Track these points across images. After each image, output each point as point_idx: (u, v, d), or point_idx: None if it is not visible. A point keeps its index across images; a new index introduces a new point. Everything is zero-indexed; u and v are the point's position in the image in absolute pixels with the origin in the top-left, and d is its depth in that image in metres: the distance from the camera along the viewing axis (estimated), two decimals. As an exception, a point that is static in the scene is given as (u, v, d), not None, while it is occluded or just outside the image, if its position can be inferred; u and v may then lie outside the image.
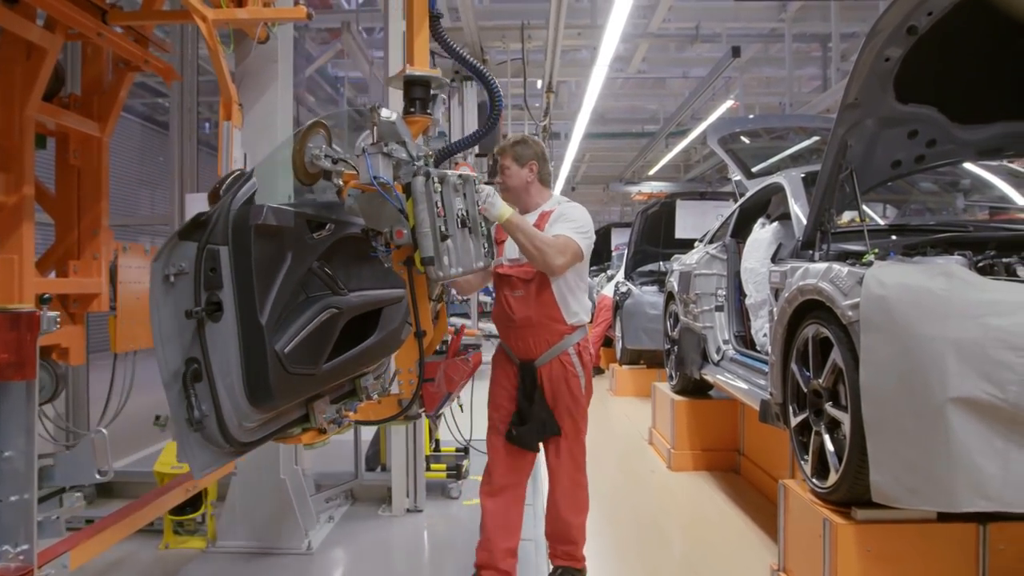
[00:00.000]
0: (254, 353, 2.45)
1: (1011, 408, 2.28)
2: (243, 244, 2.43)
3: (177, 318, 2.37)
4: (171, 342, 2.36)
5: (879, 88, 3.07)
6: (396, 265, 2.95)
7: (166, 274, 2.36)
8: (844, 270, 2.97)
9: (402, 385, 3.05)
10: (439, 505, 5.08)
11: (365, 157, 2.74)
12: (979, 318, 2.40)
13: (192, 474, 2.55)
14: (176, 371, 2.35)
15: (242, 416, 2.48)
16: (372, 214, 2.86)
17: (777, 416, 3.64)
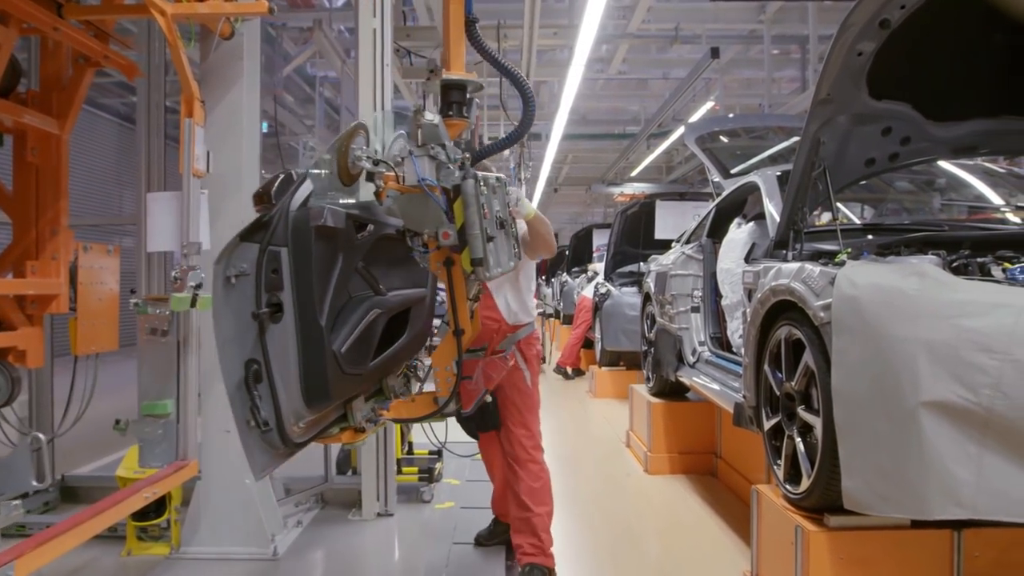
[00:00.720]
0: (314, 354, 2.50)
1: (984, 412, 2.21)
2: (303, 245, 2.46)
3: (238, 319, 2.41)
4: (232, 344, 2.39)
5: (852, 84, 3.00)
6: (434, 265, 2.99)
7: (227, 276, 2.40)
8: (816, 270, 2.89)
9: (439, 383, 3.10)
10: (411, 509, 5.02)
11: (412, 159, 2.79)
12: (951, 319, 2.32)
13: (254, 475, 2.61)
14: (237, 372, 2.40)
15: (298, 417, 2.55)
16: (413, 215, 2.89)
17: (751, 420, 3.56)
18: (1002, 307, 2.28)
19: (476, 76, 3.08)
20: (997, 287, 2.44)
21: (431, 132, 2.83)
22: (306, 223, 2.48)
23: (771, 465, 3.30)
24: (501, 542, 4.33)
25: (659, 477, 5.74)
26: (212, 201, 4.14)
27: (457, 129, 3.03)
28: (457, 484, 5.62)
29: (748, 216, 4.78)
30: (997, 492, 2.19)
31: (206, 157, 3.92)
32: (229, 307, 2.42)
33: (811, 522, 2.86)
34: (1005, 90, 3.24)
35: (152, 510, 4.13)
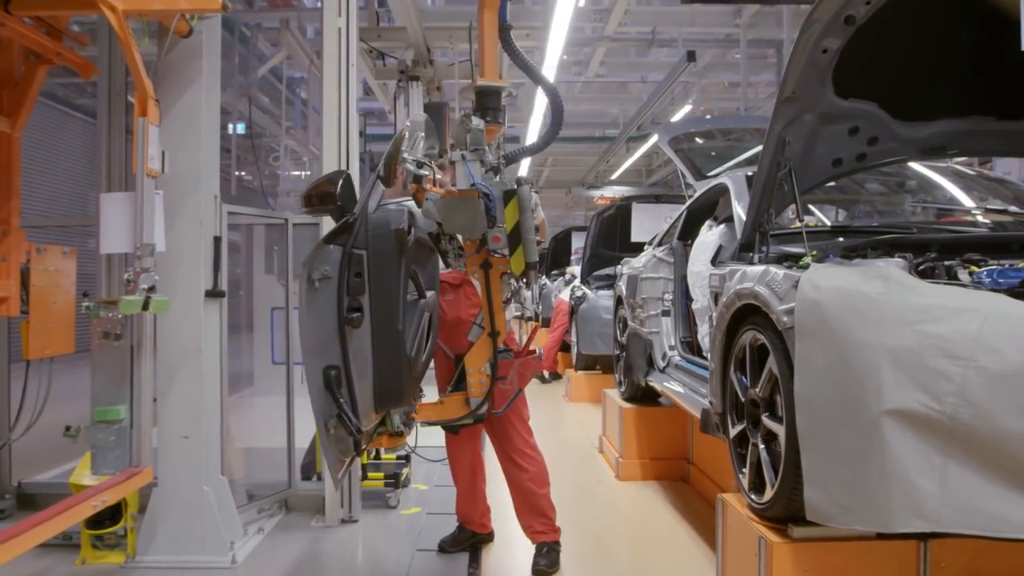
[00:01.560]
0: (392, 358, 2.55)
1: (948, 421, 2.13)
2: (385, 249, 2.51)
3: (321, 321, 2.45)
4: (317, 346, 2.44)
5: (817, 81, 2.92)
6: (470, 268, 3.05)
7: (311, 278, 2.46)
8: (780, 273, 2.81)
9: (471, 384, 3.13)
10: (376, 515, 4.96)
11: (465, 163, 2.88)
12: (915, 324, 2.24)
13: (333, 479, 2.78)
14: (320, 376, 2.45)
15: (367, 420, 2.60)
16: (456, 218, 2.92)
17: (717, 426, 3.48)
18: (966, 312, 2.20)
19: (509, 82, 3.22)
20: (962, 291, 2.37)
21: (478, 138, 2.92)
22: (387, 226, 2.53)
23: (736, 473, 3.22)
24: (465, 548, 4.28)
25: (630, 484, 5.65)
26: (170, 202, 4.05)
27: (492, 134, 3.06)
28: (425, 489, 5.56)
29: (719, 218, 4.69)
30: (962, 505, 2.11)
31: (161, 157, 3.82)
32: (313, 310, 2.46)
33: (775, 533, 2.78)
34: (973, 90, 3.18)
35: (107, 518, 4.04)
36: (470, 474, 4.21)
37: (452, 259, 3.12)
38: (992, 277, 2.50)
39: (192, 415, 4.16)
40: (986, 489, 2.09)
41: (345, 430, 2.55)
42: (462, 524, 4.32)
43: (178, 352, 4.17)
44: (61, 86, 11.95)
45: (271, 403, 5.40)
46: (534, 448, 3.97)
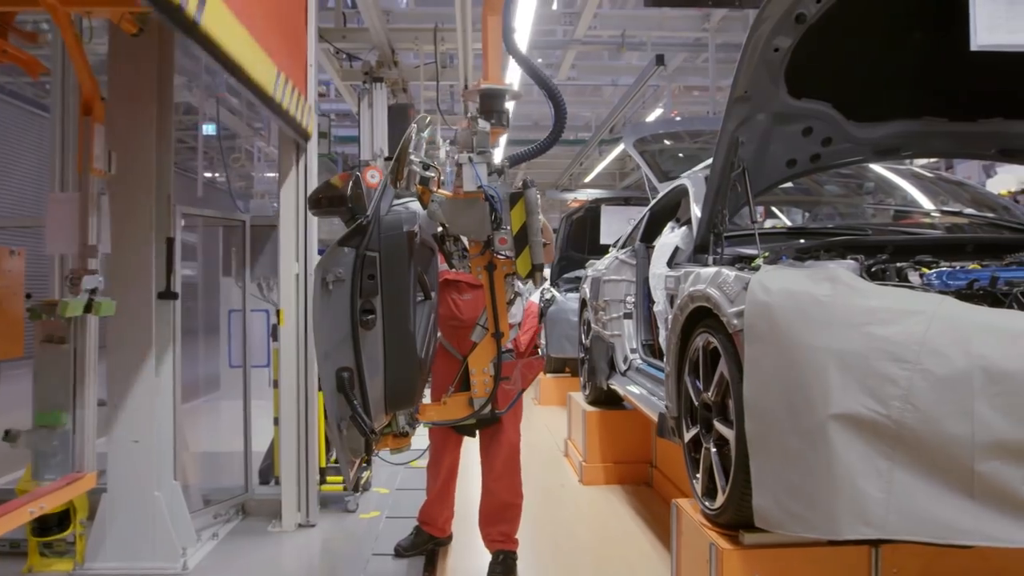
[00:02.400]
0: (404, 359, 2.58)
1: (894, 425, 2.08)
2: (398, 250, 2.53)
3: (335, 324, 2.47)
4: (331, 349, 2.47)
5: (769, 81, 2.88)
6: (475, 270, 3.06)
7: (325, 280, 2.47)
8: (731, 275, 2.76)
9: (475, 385, 3.15)
10: (334, 519, 4.91)
11: (473, 166, 2.87)
12: (862, 327, 2.19)
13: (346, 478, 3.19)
14: (333, 378, 2.48)
15: (378, 421, 2.65)
16: (462, 220, 2.97)
17: (673, 431, 3.43)
18: (913, 314, 2.15)
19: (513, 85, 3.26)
20: (909, 293, 2.33)
21: (484, 140, 2.92)
22: (400, 228, 2.56)
23: (690, 478, 3.17)
24: (421, 552, 4.22)
25: (593, 488, 5.60)
26: (122, 202, 3.99)
27: (495, 137, 3.09)
28: (386, 493, 5.50)
29: (681, 220, 4.66)
30: (908, 511, 2.07)
31: (107, 156, 3.73)
32: (327, 313, 2.48)
33: (726, 539, 2.72)
34: (926, 91, 3.15)
35: (55, 524, 3.93)
36: (447, 477, 4.19)
37: (456, 260, 3.14)
38: (941, 279, 2.47)
39: (143, 419, 4.08)
40: (932, 494, 2.05)
41: (358, 431, 2.58)
42: (422, 527, 4.26)
43: (128, 355, 4.09)
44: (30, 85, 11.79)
45: (236, 407, 5.33)
46: (519, 456, 4.03)
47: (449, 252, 3.22)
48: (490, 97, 3.08)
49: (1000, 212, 3.82)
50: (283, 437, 4.78)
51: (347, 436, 2.64)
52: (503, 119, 3.10)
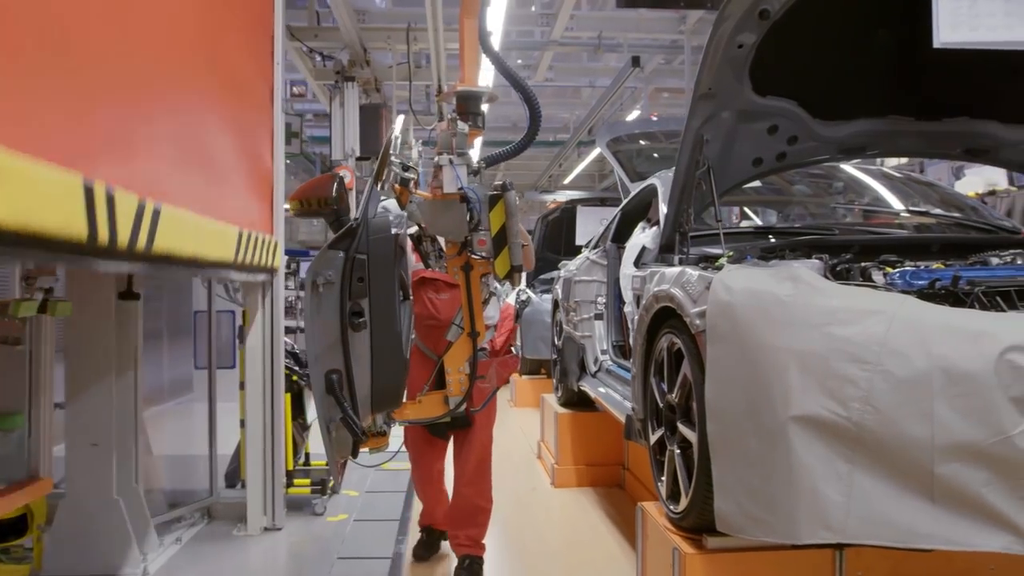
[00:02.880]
0: (391, 359, 2.61)
1: (854, 427, 2.04)
2: (385, 252, 2.56)
3: (325, 326, 2.49)
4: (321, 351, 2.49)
5: (734, 77, 2.84)
6: (452, 270, 3.07)
7: (316, 283, 2.49)
8: (695, 275, 2.72)
9: (451, 384, 3.17)
10: (301, 522, 4.82)
11: (454, 168, 2.89)
12: (823, 327, 2.15)
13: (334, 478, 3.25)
14: (323, 380, 2.50)
15: (365, 422, 2.68)
16: (441, 222, 2.98)
17: (639, 433, 3.39)
18: (874, 314, 2.12)
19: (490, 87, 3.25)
20: (871, 293, 2.29)
21: (463, 141, 2.95)
22: (388, 230, 2.58)
23: (655, 481, 3.12)
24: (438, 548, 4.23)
25: (565, 490, 5.55)
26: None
27: (473, 138, 3.12)
28: (356, 495, 5.42)
29: (652, 220, 4.63)
30: (868, 515, 2.03)
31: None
32: (317, 316, 2.49)
33: (689, 543, 2.68)
34: (891, 89, 3.13)
35: (12, 530, 3.84)
36: (438, 478, 4.16)
37: (433, 261, 3.16)
38: (904, 278, 2.43)
39: (103, 422, 3.98)
40: (892, 498, 2.01)
41: (349, 432, 2.61)
42: (432, 527, 4.23)
43: (88, 357, 3.99)
44: None
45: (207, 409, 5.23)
46: (488, 457, 4.01)
47: (426, 252, 3.25)
48: (466, 99, 3.10)
49: (968, 212, 3.80)
50: (249, 439, 4.69)
51: (336, 437, 2.67)
52: (479, 121, 3.13)
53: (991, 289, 2.29)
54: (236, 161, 3.99)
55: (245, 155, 4.15)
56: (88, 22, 2.13)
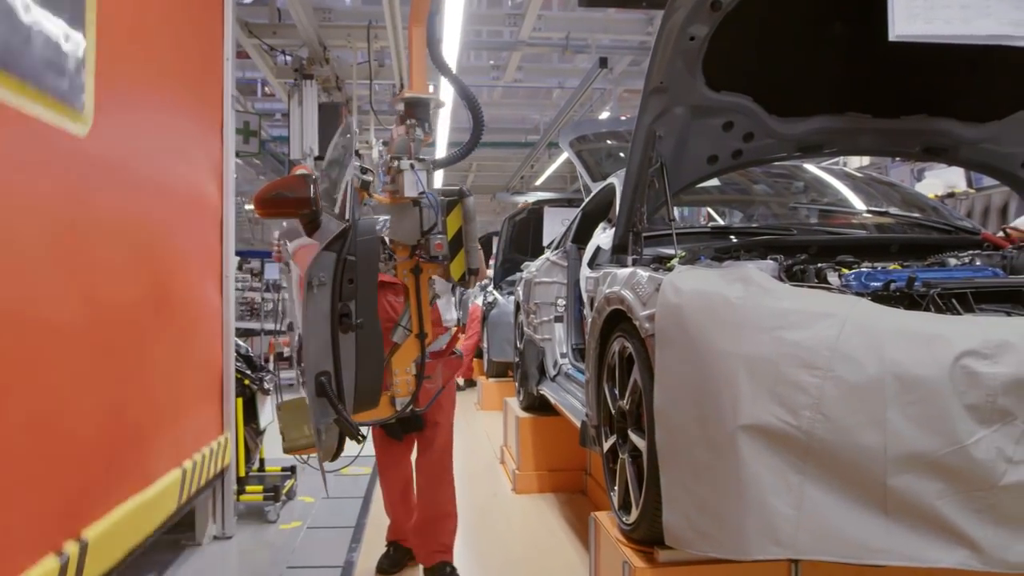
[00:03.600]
0: (373, 360, 2.63)
1: (805, 437, 1.94)
2: (371, 254, 2.59)
3: (316, 328, 2.51)
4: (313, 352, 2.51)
5: (686, 71, 2.73)
6: (401, 273, 3.11)
7: (311, 284, 2.51)
8: (644, 276, 2.61)
9: (397, 385, 3.18)
10: (253, 530, 4.69)
11: (414, 172, 2.94)
12: (773, 331, 2.05)
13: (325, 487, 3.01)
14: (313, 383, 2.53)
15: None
16: (395, 225, 3.01)
17: (594, 440, 3.28)
18: (825, 317, 2.01)
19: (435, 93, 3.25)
20: (823, 295, 2.18)
21: (419, 147, 3.01)
22: (373, 232, 2.62)
23: (608, 491, 3.01)
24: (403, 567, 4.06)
25: (526, 496, 5.43)
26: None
27: (424, 144, 3.17)
28: (312, 502, 5.31)
29: (613, 220, 4.52)
30: (819, 529, 1.92)
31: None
32: (309, 317, 2.52)
33: (640, 557, 2.57)
34: (849, 85, 3.04)
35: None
36: (404, 488, 4.02)
37: (383, 263, 3.11)
38: (860, 280, 2.34)
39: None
40: (844, 511, 1.91)
41: (347, 433, 2.70)
42: (399, 543, 4.08)
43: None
44: None
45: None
46: (450, 460, 3.96)
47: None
48: (414, 105, 3.13)
49: (928, 213, 3.74)
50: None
51: (325, 439, 2.72)
52: (426, 127, 3.17)
53: (947, 291, 2.20)
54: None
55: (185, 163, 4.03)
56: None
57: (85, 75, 2.64)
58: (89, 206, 2.75)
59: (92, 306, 2.78)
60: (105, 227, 2.90)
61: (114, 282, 3.00)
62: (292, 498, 5.30)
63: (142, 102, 3.32)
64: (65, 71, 2.50)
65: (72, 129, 2.59)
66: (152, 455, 3.41)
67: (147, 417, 3.39)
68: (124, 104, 3.08)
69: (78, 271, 2.67)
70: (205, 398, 4.30)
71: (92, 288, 2.78)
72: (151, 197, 3.43)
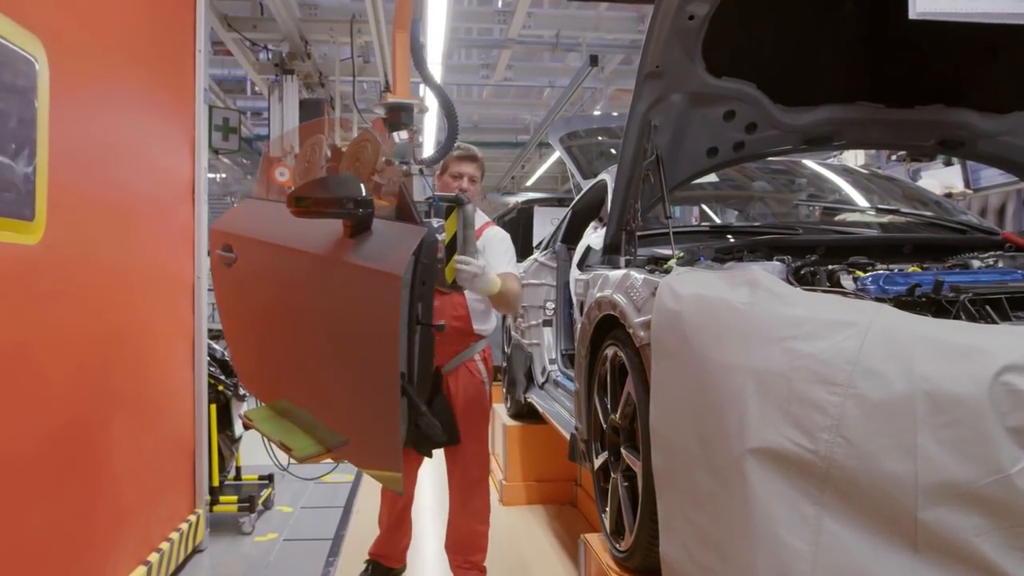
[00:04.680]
0: (427, 359, 2.64)
1: (822, 463, 1.69)
2: (434, 256, 2.61)
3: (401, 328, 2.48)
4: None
5: (684, 54, 2.49)
6: None
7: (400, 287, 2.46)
8: (640, 278, 2.37)
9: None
10: (227, 542, 4.52)
11: (423, 177, 2.99)
12: (785, 341, 1.80)
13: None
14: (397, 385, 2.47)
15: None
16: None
17: (584, 455, 3.04)
18: (845, 326, 1.76)
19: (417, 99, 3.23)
20: (841, 300, 1.94)
21: (418, 151, 3.11)
22: (434, 236, 2.65)
23: (599, 512, 2.77)
24: None
25: (514, 508, 5.19)
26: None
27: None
28: (290, 512, 5.13)
29: (604, 219, 4.29)
30: (838, 567, 1.67)
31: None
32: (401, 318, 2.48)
33: (634, 588, 2.34)
34: (860, 72, 2.79)
35: None
36: (404, 504, 3.78)
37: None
38: (878, 283, 2.10)
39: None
40: (867, 548, 1.66)
41: (429, 432, 2.67)
42: (379, 561, 3.84)
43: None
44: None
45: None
46: (488, 479, 3.73)
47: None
48: (397, 111, 3.12)
49: (934, 209, 3.51)
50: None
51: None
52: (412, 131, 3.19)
53: (978, 297, 1.96)
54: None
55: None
56: None
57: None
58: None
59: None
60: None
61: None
62: (270, 507, 5.14)
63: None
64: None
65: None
66: (111, 557, 3.27)
67: (105, 515, 3.24)
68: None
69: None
70: (174, 478, 4.13)
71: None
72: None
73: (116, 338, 3.35)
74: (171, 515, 4.01)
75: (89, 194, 3.04)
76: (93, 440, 3.11)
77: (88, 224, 3.04)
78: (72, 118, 2.88)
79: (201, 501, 4.35)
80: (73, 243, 2.91)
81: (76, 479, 2.98)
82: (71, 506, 2.94)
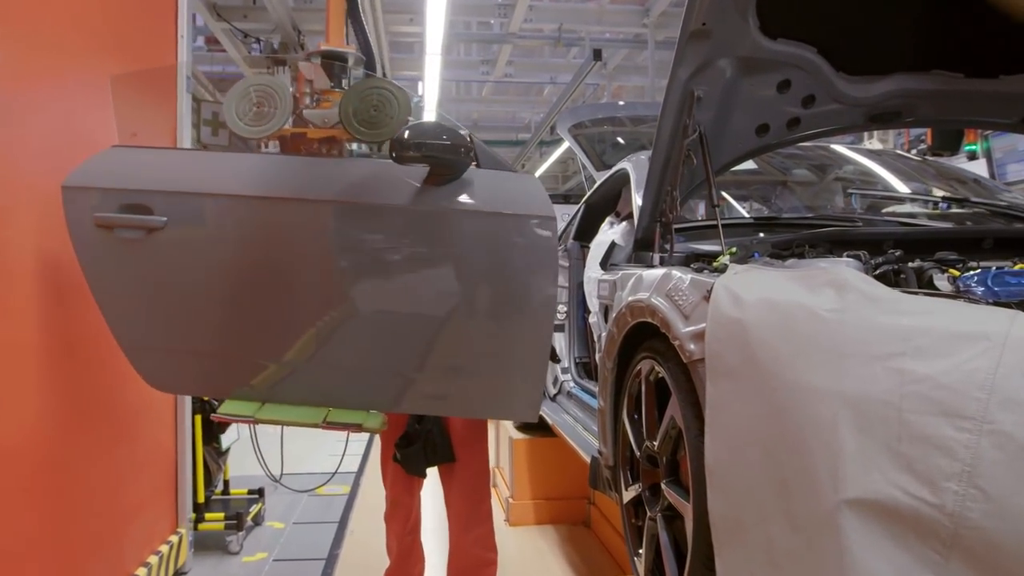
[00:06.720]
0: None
1: (948, 521, 1.29)
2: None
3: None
4: None
5: (736, 11, 2.08)
6: None
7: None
8: (686, 279, 1.96)
9: None
10: (212, 563, 4.26)
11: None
12: (891, 359, 1.39)
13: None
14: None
15: None
16: None
17: (609, 483, 2.63)
18: (972, 339, 1.35)
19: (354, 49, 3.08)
20: (962, 307, 1.53)
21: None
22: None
23: (630, 553, 2.36)
24: None
25: (521, 529, 4.78)
26: None
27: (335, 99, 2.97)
28: (282, 528, 4.83)
29: (621, 214, 3.89)
30: (971, 660, 1.28)
31: None
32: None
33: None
34: (936, 35, 2.37)
35: None
36: (412, 530, 3.39)
37: None
38: (986, 284, 1.69)
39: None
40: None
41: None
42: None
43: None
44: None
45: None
46: (488, 497, 3.35)
47: None
48: (331, 58, 2.98)
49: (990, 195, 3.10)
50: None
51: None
52: (343, 83, 2.98)
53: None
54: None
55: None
56: None
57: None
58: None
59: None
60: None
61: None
62: (260, 524, 4.84)
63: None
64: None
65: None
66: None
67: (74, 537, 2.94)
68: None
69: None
70: (153, 494, 3.81)
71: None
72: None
73: (88, 341, 3.01)
74: (150, 536, 3.69)
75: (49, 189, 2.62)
76: (60, 454, 2.83)
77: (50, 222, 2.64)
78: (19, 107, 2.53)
79: (184, 519, 4.03)
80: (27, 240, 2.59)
81: (39, 498, 2.69)
82: (34, 528, 2.66)
